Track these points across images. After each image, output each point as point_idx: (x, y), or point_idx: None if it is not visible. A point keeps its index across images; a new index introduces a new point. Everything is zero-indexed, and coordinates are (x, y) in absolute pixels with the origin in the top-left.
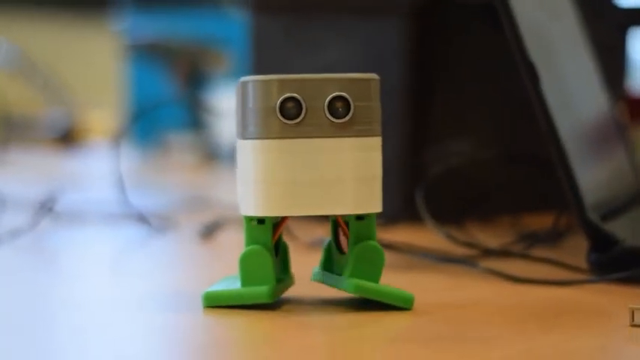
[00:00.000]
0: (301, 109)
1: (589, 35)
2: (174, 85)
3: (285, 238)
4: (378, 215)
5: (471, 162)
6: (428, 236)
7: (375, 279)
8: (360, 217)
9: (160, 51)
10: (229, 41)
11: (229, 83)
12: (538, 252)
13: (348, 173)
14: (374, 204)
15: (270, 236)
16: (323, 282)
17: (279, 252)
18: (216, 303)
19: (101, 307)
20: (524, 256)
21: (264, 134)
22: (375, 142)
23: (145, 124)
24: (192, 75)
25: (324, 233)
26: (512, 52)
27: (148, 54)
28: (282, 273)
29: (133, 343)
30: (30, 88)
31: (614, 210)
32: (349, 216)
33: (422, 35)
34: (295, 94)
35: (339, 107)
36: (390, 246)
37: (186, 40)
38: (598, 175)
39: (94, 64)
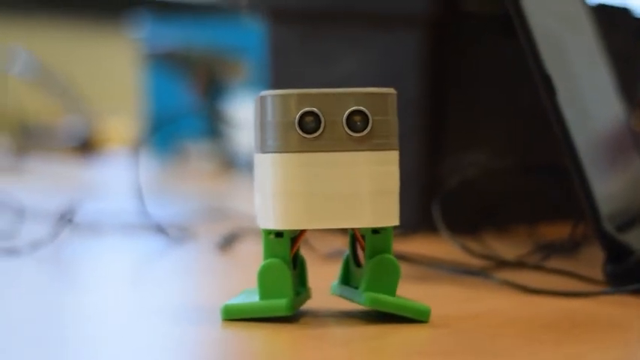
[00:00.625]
0: (320, 123)
1: (605, 45)
2: (192, 94)
3: (303, 250)
4: (395, 227)
5: (487, 173)
6: (444, 247)
7: (391, 292)
8: (376, 231)
9: (178, 60)
10: (247, 51)
11: (247, 92)
12: (554, 263)
13: (365, 187)
14: (391, 217)
15: (288, 249)
16: (341, 296)
17: (297, 265)
18: (234, 316)
19: (119, 318)
20: (540, 268)
21: (283, 148)
22: (393, 156)
23: (163, 133)
24: (210, 84)
25: (342, 245)
26: (527, 64)
27: (166, 63)
28: (300, 286)
29: (150, 355)
30: (48, 96)
31: (629, 220)
32: (365, 229)
33: (437, 46)
34: (314, 109)
35: (357, 121)
36: (405, 257)
37: (205, 49)
38: (614, 185)
39: (113, 72)
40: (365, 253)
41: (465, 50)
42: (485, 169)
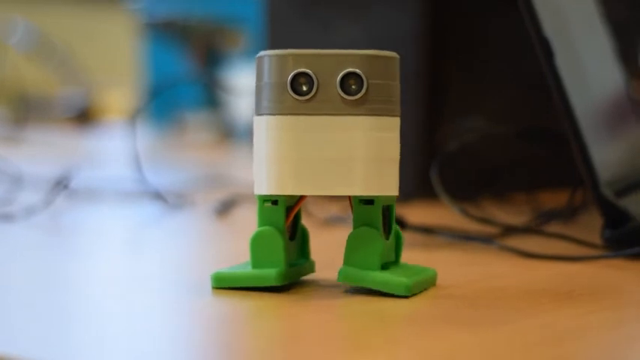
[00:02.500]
0: (313, 85)
1: (605, 12)
2: (190, 64)
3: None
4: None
5: (486, 138)
6: (443, 213)
7: (373, 266)
8: (367, 202)
9: (176, 29)
10: (246, 20)
11: (245, 62)
12: (553, 228)
13: (359, 153)
14: (387, 186)
15: (282, 218)
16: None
17: (297, 236)
18: (224, 284)
19: (114, 285)
20: (539, 233)
21: (277, 110)
22: (392, 123)
23: (162, 103)
24: (208, 53)
25: (340, 211)
26: (527, 29)
27: (164, 33)
28: (300, 258)
29: (145, 320)
30: (46, 67)
31: (628, 186)
32: (355, 199)
33: (437, 14)
34: (307, 70)
35: (351, 84)
36: (404, 224)
37: (203, 18)
38: (613, 151)
39: (111, 43)
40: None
41: (466, 17)
42: (483, 134)
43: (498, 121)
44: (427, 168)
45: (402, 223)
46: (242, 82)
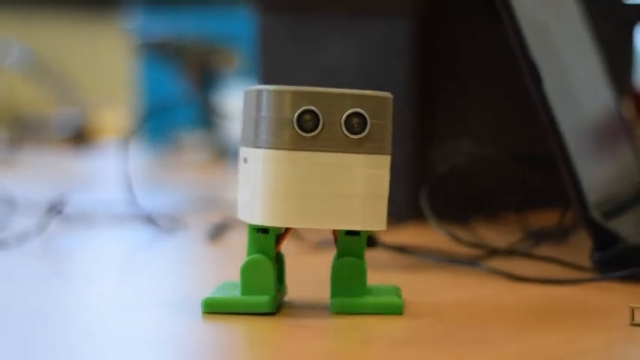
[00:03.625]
0: (318, 122)
1: (594, 32)
2: (185, 84)
3: (292, 239)
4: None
5: (477, 160)
6: (434, 236)
7: (359, 293)
8: (350, 233)
9: (170, 50)
10: (239, 40)
11: (239, 82)
12: (543, 250)
13: (357, 189)
14: (379, 222)
15: (272, 246)
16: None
17: (278, 261)
18: (215, 310)
19: (106, 310)
20: (528, 255)
21: (277, 144)
22: (385, 161)
23: (156, 123)
24: (202, 74)
25: (330, 235)
26: (515, 51)
27: (158, 53)
28: (279, 283)
29: (136, 344)
30: (41, 88)
31: (618, 207)
32: (340, 230)
33: (426, 35)
34: (313, 108)
35: (355, 123)
36: (394, 247)
37: (197, 38)
38: (602, 172)
39: (105, 63)
40: (336, 254)
41: (454, 38)
42: (474, 156)
43: (489, 142)
44: (419, 190)
45: (372, 242)
46: (236, 103)
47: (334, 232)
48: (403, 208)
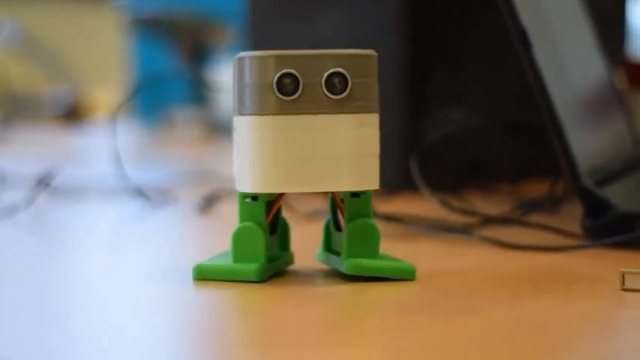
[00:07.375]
0: (298, 85)
1: (587, 2)
2: (177, 60)
3: (283, 211)
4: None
5: (468, 130)
6: (426, 205)
7: (373, 255)
8: (355, 195)
9: (162, 25)
10: (231, 15)
11: (231, 57)
12: (535, 219)
13: (345, 150)
14: (371, 181)
15: (263, 213)
16: (326, 264)
17: (277, 229)
18: (205, 277)
19: (96, 281)
20: (520, 223)
21: (261, 110)
22: (373, 119)
23: (149, 99)
24: (195, 49)
25: (322, 205)
26: (505, 19)
27: (150, 29)
28: (281, 250)
29: (129, 315)
30: (34, 65)
31: (609, 175)
32: (344, 193)
33: (418, 7)
34: (292, 70)
35: (336, 83)
36: (387, 217)
37: (189, 14)
38: (594, 141)
39: (98, 40)
40: (344, 218)
41: (447, 8)
42: (465, 125)
43: (481, 113)
44: (410, 160)
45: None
46: (228, 78)
47: (335, 195)
48: (395, 178)
